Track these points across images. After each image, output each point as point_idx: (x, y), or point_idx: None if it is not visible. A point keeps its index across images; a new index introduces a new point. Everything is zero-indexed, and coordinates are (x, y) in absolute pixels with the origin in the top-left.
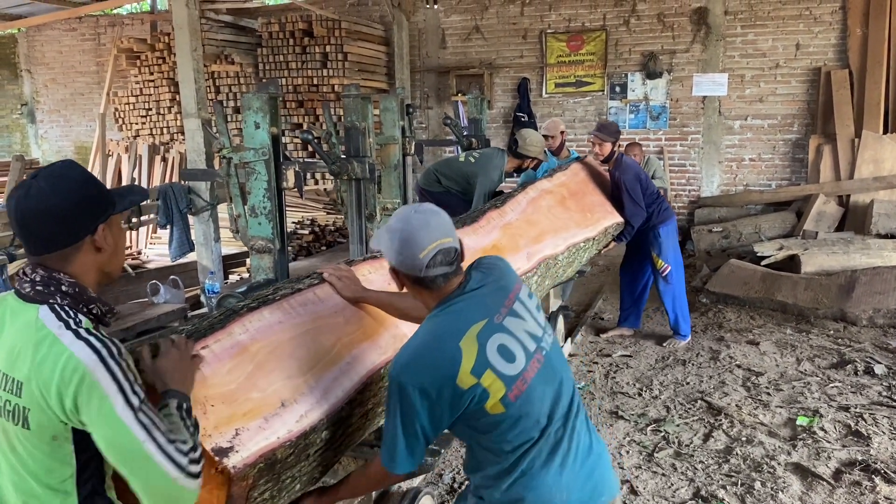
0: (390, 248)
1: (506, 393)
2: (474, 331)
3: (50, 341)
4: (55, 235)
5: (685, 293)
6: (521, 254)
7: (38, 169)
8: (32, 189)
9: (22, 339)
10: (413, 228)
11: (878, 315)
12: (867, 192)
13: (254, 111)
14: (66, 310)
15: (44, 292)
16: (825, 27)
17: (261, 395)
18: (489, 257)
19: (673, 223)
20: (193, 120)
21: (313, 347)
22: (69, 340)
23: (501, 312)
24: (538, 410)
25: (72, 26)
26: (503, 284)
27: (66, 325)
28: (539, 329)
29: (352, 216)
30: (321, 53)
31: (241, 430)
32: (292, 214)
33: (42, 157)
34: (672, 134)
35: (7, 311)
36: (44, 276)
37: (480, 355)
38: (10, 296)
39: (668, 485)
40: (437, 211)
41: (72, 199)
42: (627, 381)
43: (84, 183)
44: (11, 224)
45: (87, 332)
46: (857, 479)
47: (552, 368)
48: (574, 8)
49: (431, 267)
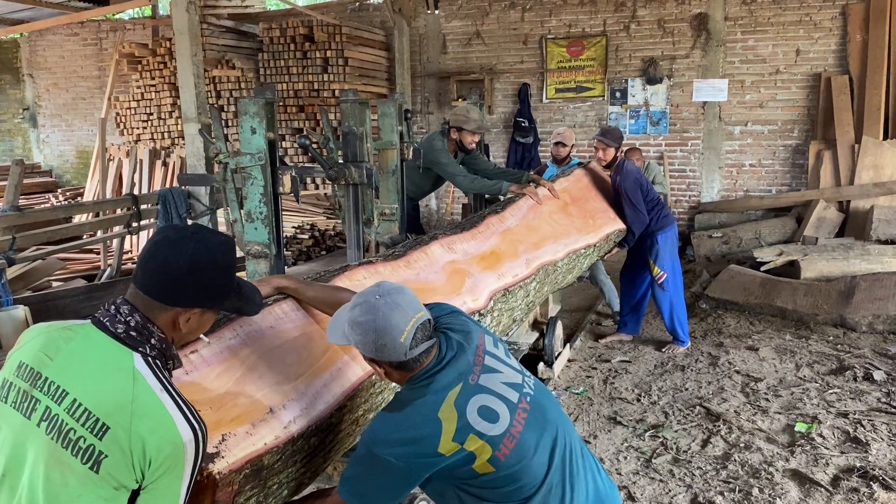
0: (364, 341)
1: (493, 453)
2: (451, 399)
3: (152, 403)
4: (169, 288)
5: (683, 300)
6: (521, 259)
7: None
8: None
9: (114, 383)
10: (385, 316)
11: (877, 321)
12: (867, 197)
13: (250, 116)
14: (158, 365)
15: (136, 339)
16: (825, 33)
17: (249, 400)
18: (443, 311)
19: (672, 230)
20: (193, 125)
21: (304, 353)
22: (173, 410)
23: (475, 372)
24: (534, 462)
25: (74, 31)
26: (469, 341)
27: (164, 387)
28: (518, 376)
29: (349, 221)
30: (322, 58)
31: (227, 436)
32: (292, 219)
33: (44, 162)
34: (672, 139)
35: (86, 341)
36: (139, 323)
37: (461, 422)
38: (87, 326)
39: (666, 491)
40: (399, 288)
41: (208, 274)
42: (626, 387)
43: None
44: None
45: (185, 404)
46: (856, 485)
47: (542, 413)
48: (574, 13)
49: (414, 347)
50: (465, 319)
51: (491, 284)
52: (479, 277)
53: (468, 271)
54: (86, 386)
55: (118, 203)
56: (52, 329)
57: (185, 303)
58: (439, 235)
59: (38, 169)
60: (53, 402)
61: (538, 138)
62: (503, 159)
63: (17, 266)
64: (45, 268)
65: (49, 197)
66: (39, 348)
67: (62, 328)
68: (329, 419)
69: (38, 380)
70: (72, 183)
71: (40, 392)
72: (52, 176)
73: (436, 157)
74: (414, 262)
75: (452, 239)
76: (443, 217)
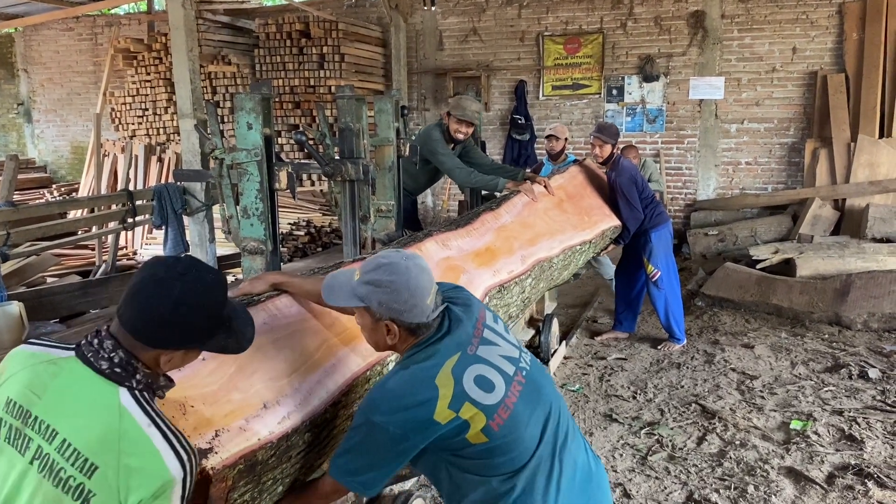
0: (391, 300)
1: (487, 423)
2: (448, 366)
3: (139, 439)
4: (152, 332)
5: (679, 298)
6: (516, 256)
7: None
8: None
9: (100, 420)
10: (416, 276)
11: (872, 319)
12: (863, 196)
13: (246, 112)
14: (145, 397)
15: (121, 374)
16: (822, 31)
17: (242, 396)
18: (446, 288)
19: (666, 228)
20: (189, 120)
21: (297, 349)
22: (161, 445)
23: (473, 343)
24: (526, 434)
25: (69, 26)
26: (469, 314)
27: (153, 421)
28: (514, 350)
29: (346, 218)
30: (318, 55)
31: (220, 432)
32: (288, 215)
33: (38, 157)
34: (669, 137)
35: (71, 377)
36: (122, 359)
37: (457, 389)
38: (72, 360)
39: (662, 488)
40: (416, 254)
41: (186, 320)
42: (622, 384)
43: (210, 314)
44: (129, 289)
45: (174, 433)
46: (850, 483)
47: (536, 388)
48: (571, 11)
49: (434, 310)
50: (468, 294)
51: (486, 280)
52: (475, 273)
53: (463, 267)
54: (74, 424)
55: (113, 199)
56: (37, 363)
57: (167, 346)
58: (434, 232)
59: (32, 164)
60: (45, 441)
61: (535, 135)
62: (499, 156)
63: (12, 262)
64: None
65: (44, 192)
66: (26, 385)
67: (47, 362)
68: (324, 414)
69: (29, 418)
70: (66, 178)
71: (32, 431)
72: (47, 171)
73: (433, 147)
74: None
75: (447, 235)
76: (439, 214)
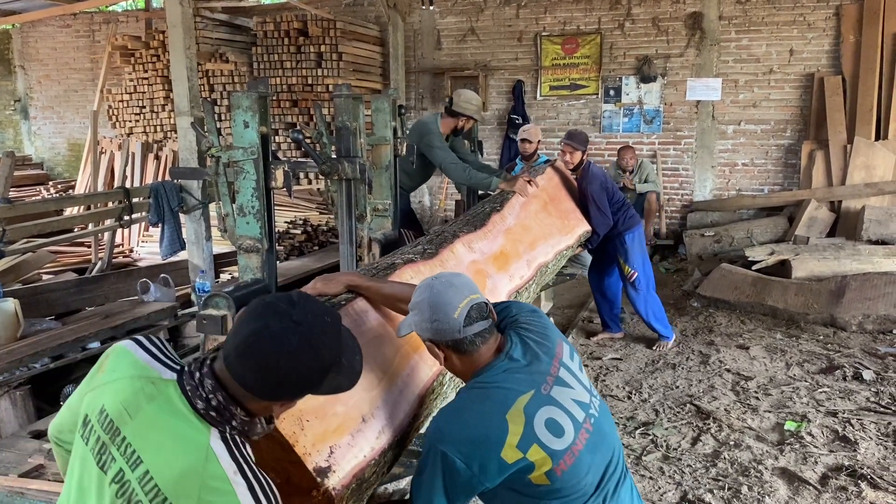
0: (420, 320)
1: (552, 467)
2: (521, 403)
3: (222, 488)
4: (267, 388)
5: (656, 296)
6: (523, 260)
7: (305, 301)
8: (293, 343)
9: (186, 460)
10: (439, 292)
11: (867, 321)
12: (859, 198)
13: (243, 110)
14: (237, 442)
15: (216, 419)
16: (819, 33)
17: (344, 409)
18: (525, 311)
19: (639, 229)
20: (186, 118)
21: (379, 358)
22: (243, 494)
23: (548, 382)
24: (585, 481)
25: (66, 23)
26: (546, 348)
27: (241, 469)
28: (586, 395)
29: (342, 217)
30: (316, 53)
31: (334, 448)
32: (285, 214)
33: (35, 154)
34: (665, 138)
35: (167, 406)
36: (221, 403)
37: (527, 430)
38: (172, 386)
39: (656, 488)
40: (456, 273)
41: (300, 377)
42: (617, 384)
43: (322, 370)
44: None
45: (258, 476)
46: (844, 484)
47: (602, 436)
48: (569, 11)
49: (468, 325)
50: (546, 323)
51: (505, 286)
52: (497, 278)
53: (487, 272)
54: (159, 458)
55: (110, 196)
56: (138, 376)
57: (282, 399)
58: (459, 233)
59: (28, 161)
60: (128, 467)
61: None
62: (497, 156)
63: (8, 258)
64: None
65: (40, 189)
66: (122, 400)
67: (148, 379)
68: (408, 428)
69: (117, 437)
70: (63, 175)
71: (117, 451)
72: (44, 168)
73: (430, 140)
74: (445, 261)
75: (471, 238)
76: (436, 213)
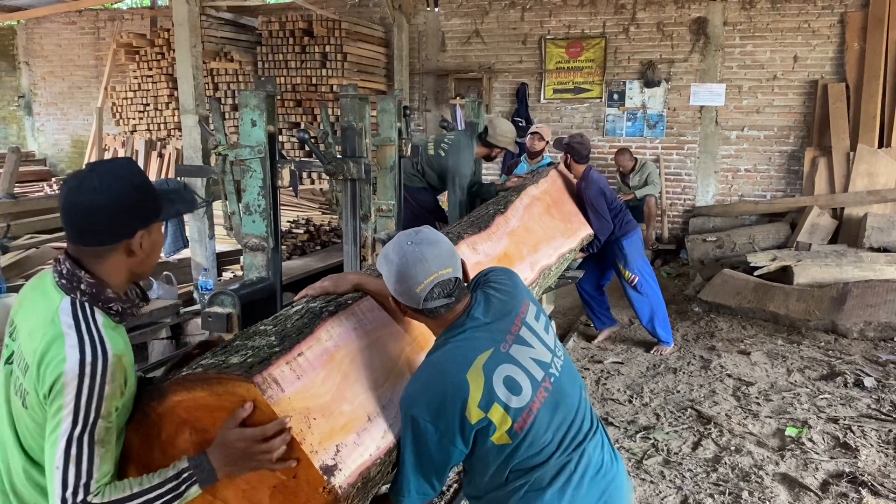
0: (388, 278)
1: (511, 425)
2: (480, 362)
3: (56, 338)
4: (93, 233)
5: (662, 300)
6: (525, 263)
7: (96, 162)
8: (84, 183)
9: (40, 325)
10: (408, 263)
11: (868, 328)
12: (861, 205)
13: (251, 109)
14: (84, 307)
15: (67, 286)
16: (823, 40)
17: (351, 407)
18: (498, 272)
19: (636, 234)
20: (191, 116)
21: (384, 356)
22: (70, 343)
23: (507, 340)
24: (544, 439)
25: (71, 20)
26: (510, 307)
27: (77, 325)
28: (548, 354)
29: (346, 217)
30: (321, 53)
31: (340, 447)
32: (288, 213)
33: (38, 150)
34: (669, 143)
35: (41, 290)
36: (69, 270)
37: (487, 388)
38: (49, 274)
39: (657, 492)
40: (435, 240)
41: (119, 201)
42: (618, 388)
43: (135, 187)
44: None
45: (92, 333)
46: (844, 490)
47: (563, 395)
48: (574, 15)
49: (429, 300)
50: (517, 282)
51: None
52: None
53: None
54: (24, 329)
55: None
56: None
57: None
58: (464, 234)
59: (32, 157)
60: (15, 346)
61: None
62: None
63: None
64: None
65: (43, 185)
66: (19, 297)
67: (41, 274)
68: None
69: (12, 325)
70: (66, 172)
71: (9, 337)
72: (47, 165)
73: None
74: None
75: (475, 239)
76: None
